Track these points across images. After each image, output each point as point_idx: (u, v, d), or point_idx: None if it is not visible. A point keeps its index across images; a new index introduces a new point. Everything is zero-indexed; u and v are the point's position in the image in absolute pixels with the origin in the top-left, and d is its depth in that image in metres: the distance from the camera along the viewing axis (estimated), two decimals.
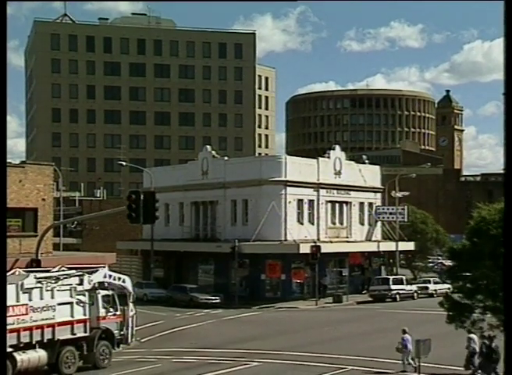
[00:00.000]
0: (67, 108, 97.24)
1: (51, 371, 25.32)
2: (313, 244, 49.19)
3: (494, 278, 21.39)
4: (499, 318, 21.84)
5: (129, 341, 28.78)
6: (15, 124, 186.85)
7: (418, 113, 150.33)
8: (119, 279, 28.64)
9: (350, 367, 25.94)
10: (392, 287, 52.13)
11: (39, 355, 24.59)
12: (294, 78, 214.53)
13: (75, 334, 25.91)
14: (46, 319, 24.78)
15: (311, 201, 54.36)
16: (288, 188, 52.21)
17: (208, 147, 58.91)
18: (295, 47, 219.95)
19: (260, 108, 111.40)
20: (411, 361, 24.54)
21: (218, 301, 48.21)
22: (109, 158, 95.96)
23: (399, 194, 61.26)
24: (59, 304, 25.38)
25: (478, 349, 23.58)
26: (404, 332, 25.31)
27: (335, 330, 36.08)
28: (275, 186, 51.99)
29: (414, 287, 54.20)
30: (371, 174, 60.36)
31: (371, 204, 60.01)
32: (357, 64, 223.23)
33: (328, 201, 55.75)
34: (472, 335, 23.87)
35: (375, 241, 59.08)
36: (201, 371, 25.71)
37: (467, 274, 23.32)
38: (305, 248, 48.99)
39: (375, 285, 53.22)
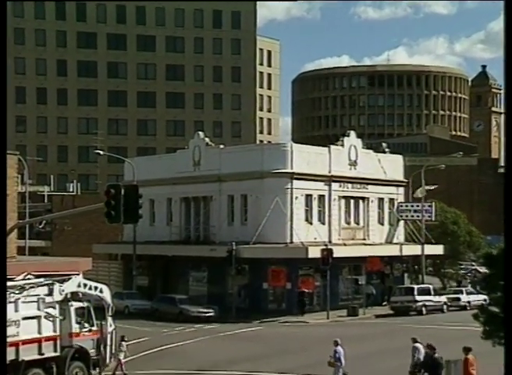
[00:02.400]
0: (33, 87, 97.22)
1: None
2: (324, 247, 49.20)
3: None
4: None
5: (107, 361, 28.75)
6: None
7: (448, 93, 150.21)
8: (96, 288, 28.58)
9: None
10: (418, 298, 52.17)
11: None
12: (301, 52, 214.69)
13: (43, 354, 25.86)
14: (8, 336, 24.72)
15: (321, 197, 54.34)
16: (294, 182, 52.18)
17: (201, 133, 58.86)
18: (300, 14, 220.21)
19: (261, 87, 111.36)
20: None
21: (212, 314, 48.26)
22: (84, 146, 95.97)
23: (425, 189, 61.16)
24: (24, 318, 25.32)
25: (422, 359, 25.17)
26: (336, 344, 26.56)
27: (349, 349, 36.05)
28: (280, 179, 51.95)
29: (443, 299, 54.25)
30: (392, 165, 60.31)
31: (392, 200, 59.99)
32: (374, 35, 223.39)
33: (341, 197, 55.72)
34: (418, 344, 25.64)
35: (396, 243, 59.09)
36: None
37: None
38: (315, 252, 48.99)
39: (397, 296, 53.27)
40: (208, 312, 48.29)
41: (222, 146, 57.38)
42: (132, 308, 51.03)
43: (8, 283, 25.65)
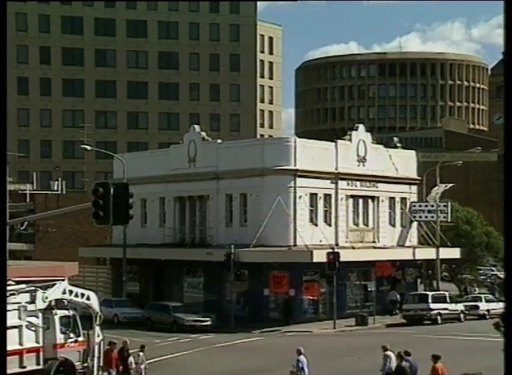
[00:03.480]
0: (14, 77, 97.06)
1: None
2: (330, 250, 49.21)
3: None
4: None
5: (95, 374, 28.75)
6: None
7: (466, 83, 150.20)
8: (82, 295, 28.56)
9: None
10: (432, 305, 52.17)
11: None
12: (305, 39, 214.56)
13: (24, 367, 25.88)
14: None
15: (327, 196, 54.37)
16: (298, 179, 52.21)
17: (197, 127, 58.89)
18: None
19: (262, 77, 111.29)
20: None
21: (209, 323, 48.31)
22: (69, 140, 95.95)
23: (440, 189, 61.16)
24: None
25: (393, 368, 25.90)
26: (299, 353, 27.13)
27: (358, 361, 36.06)
28: (282, 176, 51.99)
29: (460, 307, 54.28)
30: (404, 161, 60.33)
31: (404, 199, 60.01)
32: (385, 19, 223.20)
33: (349, 196, 55.75)
34: (389, 353, 26.43)
35: (409, 246, 59.12)
36: None
37: None
38: (320, 256, 49.02)
39: (409, 303, 53.28)
40: (205, 321, 48.33)
41: (219, 141, 57.39)
42: (122, 316, 51.09)
43: None
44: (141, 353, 29.31)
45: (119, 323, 49.63)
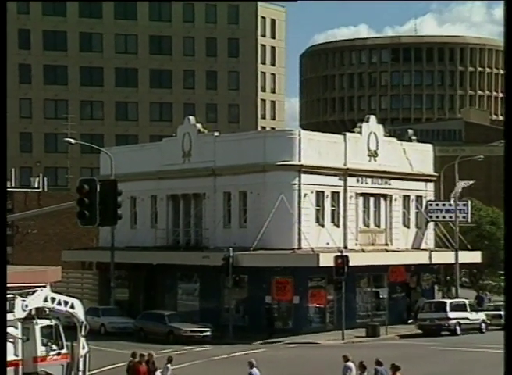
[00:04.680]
0: None
1: None
2: (338, 254, 49.25)
3: None
4: None
5: None
6: None
7: (488, 69, 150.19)
8: (66, 303, 28.55)
9: None
10: (451, 314, 52.27)
11: None
12: (311, 21, 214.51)
13: None
14: None
15: (335, 194, 54.42)
16: (303, 176, 52.26)
17: (192, 118, 58.94)
18: None
19: (264, 63, 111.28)
20: None
21: (208, 333, 48.31)
22: (51, 133, 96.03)
23: (459, 185, 61.19)
24: None
25: None
26: (252, 366, 27.30)
27: None
28: (286, 173, 52.03)
29: (481, 316, 54.35)
30: (420, 156, 60.39)
31: (419, 198, 60.06)
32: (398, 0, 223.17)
33: (359, 194, 55.80)
34: (349, 363, 27.02)
35: (425, 249, 59.16)
36: None
37: None
38: (327, 260, 49.06)
39: (425, 312, 53.39)
40: (204, 332, 48.36)
41: (216, 133, 57.41)
42: (109, 326, 51.10)
43: None
44: (169, 365, 29.28)
45: (106, 334, 49.63)
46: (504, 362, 10.19)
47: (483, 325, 53.74)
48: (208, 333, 48.44)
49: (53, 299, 28.04)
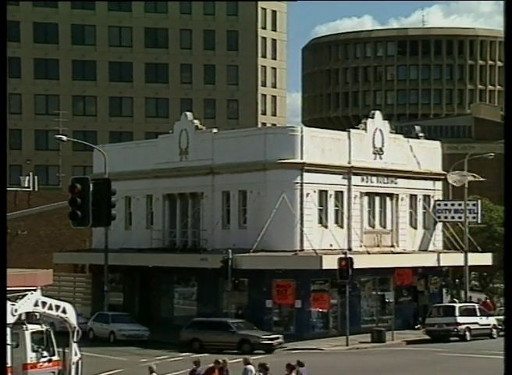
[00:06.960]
0: None
1: None
2: (342, 256, 49.27)
3: None
4: None
5: None
6: None
7: (499, 63, 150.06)
8: (58, 308, 28.58)
9: None
10: (460, 319, 52.29)
11: None
12: (313, 13, 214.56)
13: None
14: None
15: (338, 194, 54.43)
16: (305, 175, 52.28)
17: (189, 114, 58.93)
18: None
19: (264, 57, 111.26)
20: None
21: (281, 340, 47.23)
22: (42, 130, 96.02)
23: (462, 177, 61.13)
24: None
25: None
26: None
27: None
28: (287, 171, 52.05)
29: (492, 321, 54.33)
30: (427, 154, 60.41)
31: (427, 197, 60.07)
32: None
33: (364, 194, 55.80)
34: (249, 366, 27.50)
35: (433, 251, 59.17)
36: None
37: None
38: (331, 262, 49.07)
39: (433, 317, 53.37)
40: (276, 339, 47.00)
41: (215, 130, 57.39)
42: (119, 334, 50.03)
43: None
44: (261, 374, 28.99)
45: (115, 342, 49.28)
46: (504, 363, 10.27)
47: (494, 330, 53.70)
48: (281, 340, 46.93)
49: (44, 303, 28.06)
